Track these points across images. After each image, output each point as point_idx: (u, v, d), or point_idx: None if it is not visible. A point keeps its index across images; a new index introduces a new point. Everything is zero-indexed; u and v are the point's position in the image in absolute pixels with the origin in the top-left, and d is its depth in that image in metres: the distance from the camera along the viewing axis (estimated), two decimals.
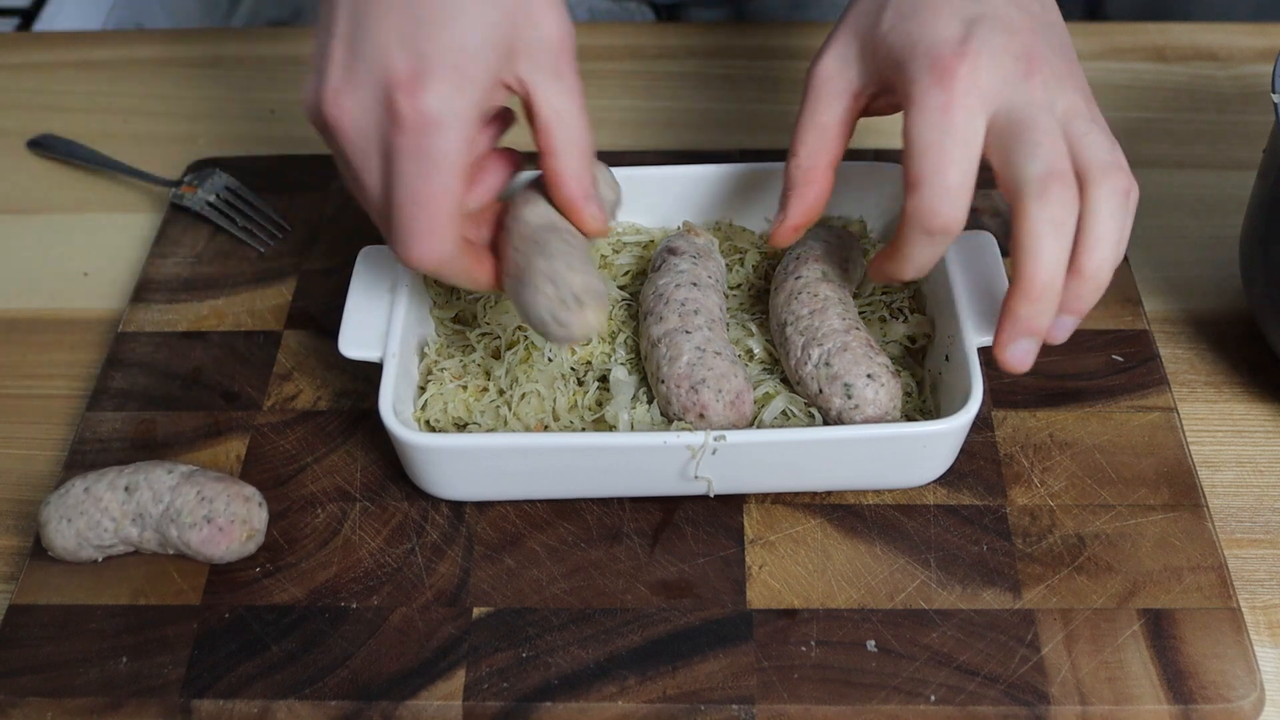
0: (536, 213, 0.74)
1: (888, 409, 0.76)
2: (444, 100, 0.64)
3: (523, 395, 0.79)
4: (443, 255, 0.69)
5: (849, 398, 0.75)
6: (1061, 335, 0.71)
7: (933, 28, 0.70)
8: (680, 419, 0.76)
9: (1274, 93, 0.80)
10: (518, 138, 0.76)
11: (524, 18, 0.68)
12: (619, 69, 1.16)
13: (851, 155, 0.91)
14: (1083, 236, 0.67)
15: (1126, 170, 0.68)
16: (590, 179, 0.74)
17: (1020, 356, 0.70)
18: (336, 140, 0.67)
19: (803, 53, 1.16)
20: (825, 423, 0.77)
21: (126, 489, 0.75)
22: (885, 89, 0.74)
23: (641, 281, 0.87)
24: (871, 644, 0.72)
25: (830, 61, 0.75)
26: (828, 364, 0.76)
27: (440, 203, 0.67)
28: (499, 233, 0.75)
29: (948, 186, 0.68)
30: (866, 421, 0.75)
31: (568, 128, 0.71)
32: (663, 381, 0.77)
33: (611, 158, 0.94)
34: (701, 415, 0.75)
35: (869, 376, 0.75)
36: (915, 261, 0.72)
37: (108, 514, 0.75)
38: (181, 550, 0.75)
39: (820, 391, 0.76)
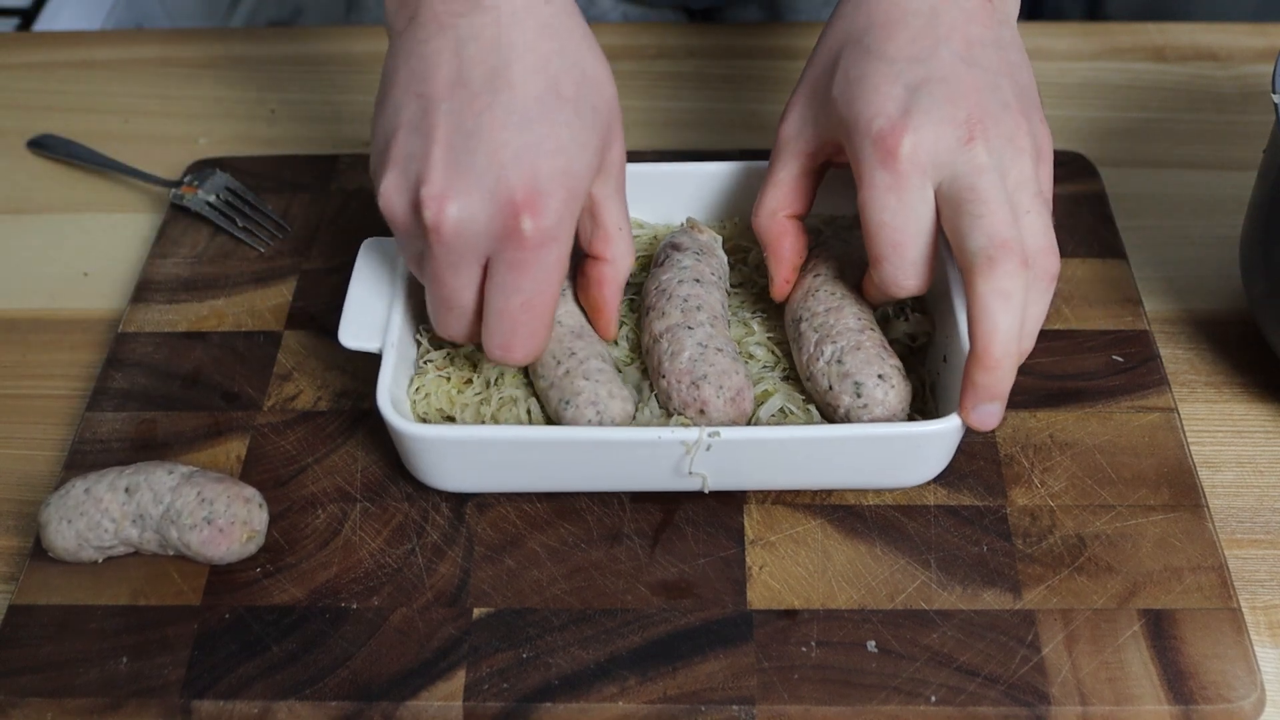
0: (567, 311, 0.81)
1: (896, 411, 0.76)
2: (558, 219, 0.69)
3: (501, 403, 0.79)
4: (540, 351, 0.75)
5: (858, 396, 0.75)
6: None
7: (875, 98, 0.72)
8: (681, 414, 0.76)
9: (1274, 93, 0.79)
10: None
11: (609, 142, 0.74)
12: (618, 69, 1.15)
13: None
14: None
15: (1056, 253, 0.71)
16: (619, 291, 0.80)
17: (985, 419, 0.72)
18: (430, 240, 0.69)
19: (803, 52, 1.16)
20: (831, 421, 0.77)
21: (127, 490, 0.75)
22: (841, 150, 0.77)
23: (644, 276, 0.87)
24: (872, 644, 0.72)
25: (791, 122, 0.79)
26: (840, 361, 0.76)
27: (547, 308, 0.72)
28: None
29: (906, 262, 0.73)
30: (874, 422, 0.75)
31: (625, 240, 0.78)
32: (664, 376, 0.77)
33: None
34: (702, 411, 0.75)
35: (880, 377, 0.75)
36: (886, 303, 0.80)
37: (108, 515, 0.75)
38: (181, 551, 0.75)
39: (830, 388, 0.76)
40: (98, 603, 0.75)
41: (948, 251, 0.80)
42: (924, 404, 0.80)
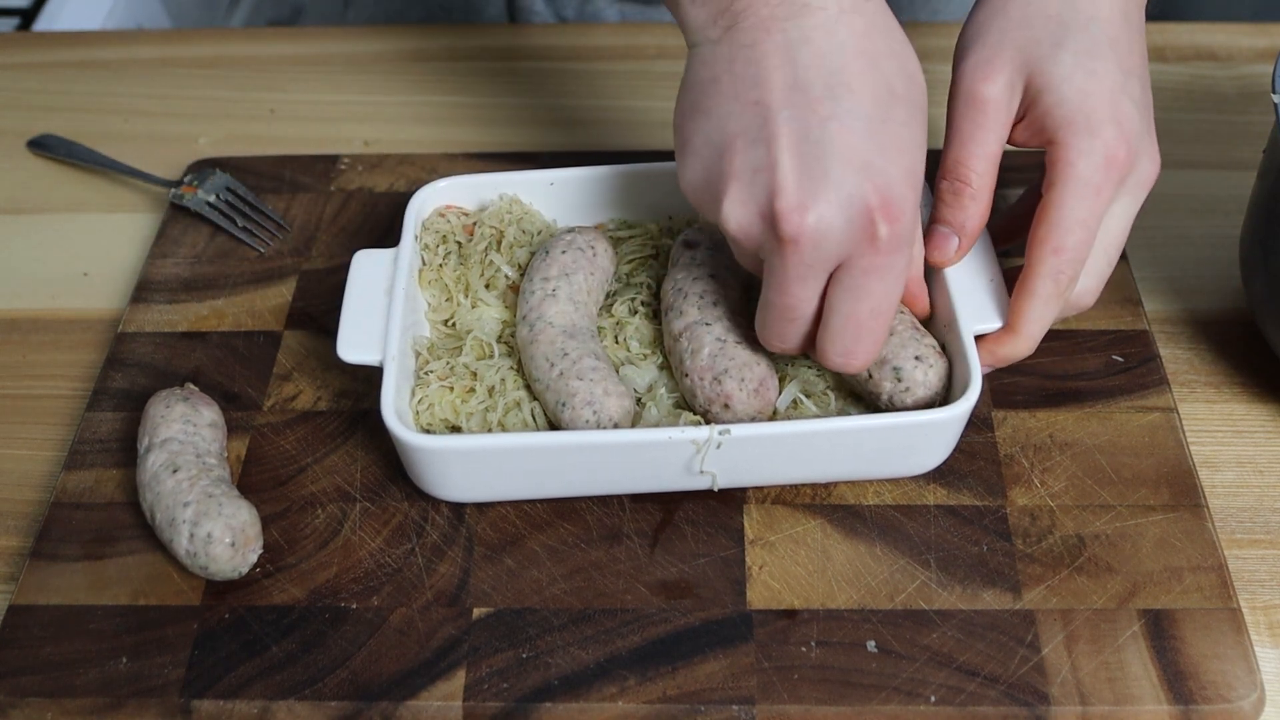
0: (558, 311, 0.80)
1: (937, 389, 0.76)
2: (911, 222, 0.68)
3: (506, 408, 0.79)
4: (875, 358, 0.74)
5: (899, 380, 0.75)
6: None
7: (1106, 100, 0.73)
8: (706, 411, 0.76)
9: (1274, 93, 0.79)
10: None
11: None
12: (619, 69, 1.16)
13: None
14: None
15: (1098, 292, 0.79)
16: (922, 276, 0.80)
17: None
18: (786, 252, 0.67)
19: None
20: (875, 409, 0.78)
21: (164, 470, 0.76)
22: (1027, 122, 0.76)
23: (646, 271, 0.87)
24: (871, 644, 0.72)
25: (1000, 88, 0.76)
26: None
27: (891, 314, 0.71)
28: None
29: (1081, 261, 0.75)
30: (916, 403, 0.76)
31: (920, 238, 0.78)
32: (686, 375, 0.77)
33: (612, 158, 0.95)
34: (726, 406, 0.75)
35: (917, 359, 0.75)
36: (1040, 323, 0.77)
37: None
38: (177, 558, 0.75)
39: (870, 377, 0.76)
40: (98, 603, 0.75)
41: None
42: None
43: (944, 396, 0.77)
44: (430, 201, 0.89)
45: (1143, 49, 0.77)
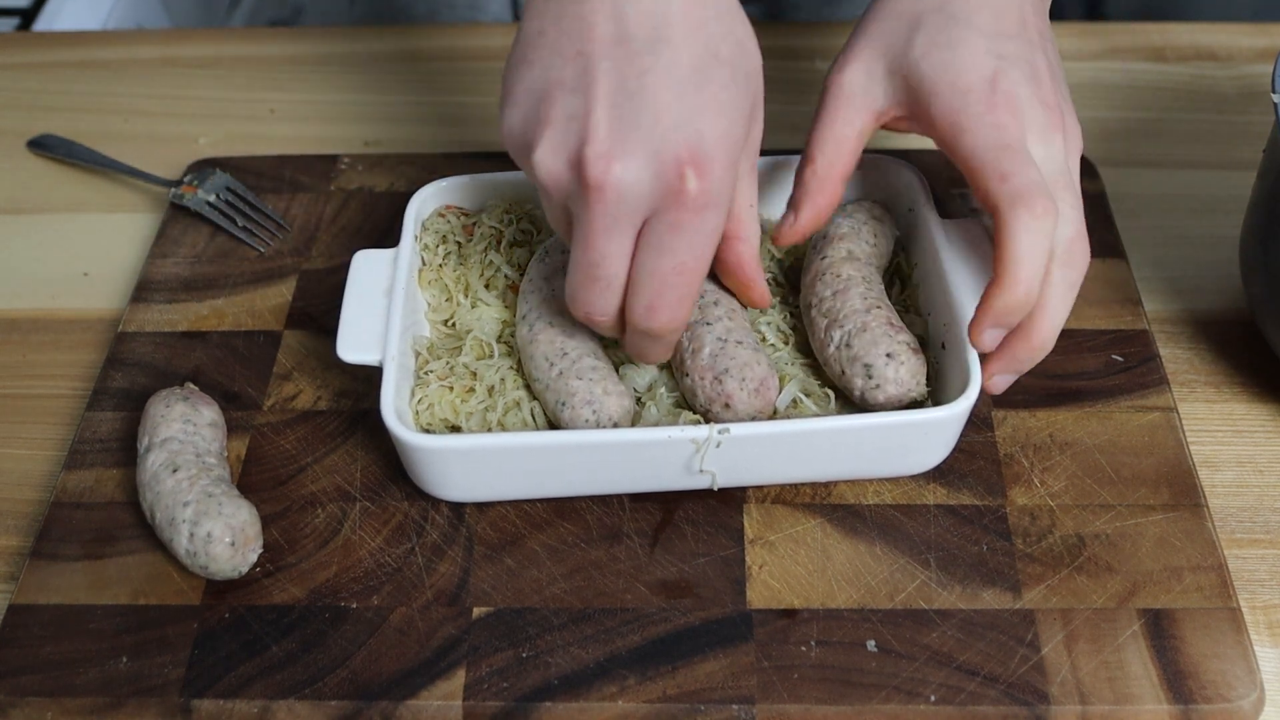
0: (558, 311, 0.80)
1: (910, 386, 0.76)
2: (721, 182, 0.67)
3: (506, 408, 0.79)
4: (682, 325, 0.73)
5: (869, 378, 0.76)
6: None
7: (970, 62, 0.74)
8: (707, 410, 0.76)
9: (1274, 93, 0.80)
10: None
11: (754, 114, 0.72)
12: None
13: None
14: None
15: (1086, 242, 0.74)
16: (760, 263, 0.79)
17: (990, 342, 0.74)
18: (591, 200, 0.66)
19: (803, 52, 1.16)
20: (851, 404, 0.78)
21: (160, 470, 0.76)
22: (906, 113, 0.77)
23: None
24: (871, 644, 0.72)
25: (855, 75, 0.78)
26: (848, 345, 0.76)
27: (698, 276, 0.70)
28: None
29: (1039, 180, 0.71)
30: (889, 400, 0.76)
31: (754, 218, 0.77)
32: (687, 375, 0.77)
33: None
34: (727, 405, 0.75)
35: (888, 356, 0.76)
36: (1029, 263, 0.71)
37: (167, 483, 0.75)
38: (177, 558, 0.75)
39: (843, 373, 0.77)
40: (98, 602, 0.75)
41: (942, 238, 0.82)
42: (931, 391, 0.81)
43: (925, 393, 0.77)
44: (430, 201, 0.89)
45: (1024, 13, 0.77)
